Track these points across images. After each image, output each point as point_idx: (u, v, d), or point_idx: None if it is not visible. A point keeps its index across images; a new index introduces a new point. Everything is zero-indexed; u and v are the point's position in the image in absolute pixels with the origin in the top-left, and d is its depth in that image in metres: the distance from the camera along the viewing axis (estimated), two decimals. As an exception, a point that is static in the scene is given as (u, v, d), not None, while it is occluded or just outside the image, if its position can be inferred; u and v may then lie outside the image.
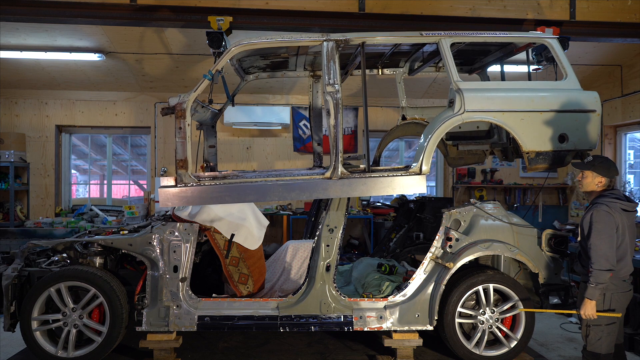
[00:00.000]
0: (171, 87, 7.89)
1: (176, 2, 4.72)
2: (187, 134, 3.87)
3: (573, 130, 3.97)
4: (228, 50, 3.93)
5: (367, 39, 4.04)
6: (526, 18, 5.00)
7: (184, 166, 3.86)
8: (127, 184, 9.77)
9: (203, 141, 4.93)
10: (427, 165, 3.95)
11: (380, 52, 4.76)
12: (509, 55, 4.76)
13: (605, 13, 5.08)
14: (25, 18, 4.87)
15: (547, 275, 4.17)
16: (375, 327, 4.04)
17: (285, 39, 4.00)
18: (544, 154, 3.99)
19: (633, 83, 6.88)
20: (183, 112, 3.86)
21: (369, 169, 3.98)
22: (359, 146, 8.32)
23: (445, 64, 4.04)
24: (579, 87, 4.09)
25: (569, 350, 4.75)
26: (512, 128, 3.95)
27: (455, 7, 4.96)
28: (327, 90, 3.88)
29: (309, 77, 5.29)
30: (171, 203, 3.89)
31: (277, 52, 4.56)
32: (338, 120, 3.85)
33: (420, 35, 4.09)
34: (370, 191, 3.97)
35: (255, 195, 3.90)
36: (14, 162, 7.44)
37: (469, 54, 4.94)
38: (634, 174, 7.71)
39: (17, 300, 3.93)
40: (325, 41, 3.95)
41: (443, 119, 3.94)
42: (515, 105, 3.96)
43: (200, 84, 3.91)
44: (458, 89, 3.96)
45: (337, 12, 4.87)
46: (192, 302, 3.99)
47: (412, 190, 3.98)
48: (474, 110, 3.93)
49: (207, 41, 4.46)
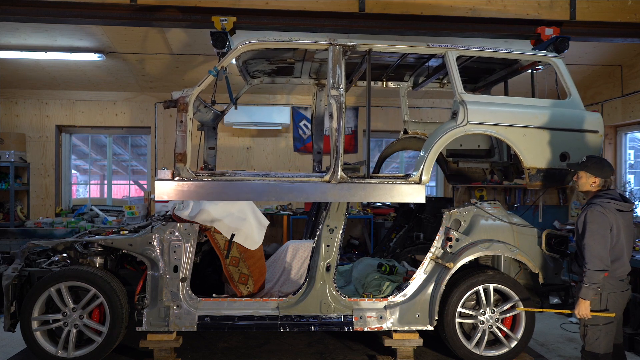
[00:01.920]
0: (171, 87, 7.89)
1: (177, 2, 4.73)
2: (188, 127, 3.86)
3: (575, 149, 3.99)
4: (235, 47, 3.93)
5: (374, 45, 4.05)
6: (526, 18, 5.00)
7: (182, 160, 3.84)
8: (127, 184, 9.78)
9: (203, 142, 4.93)
10: (427, 175, 3.95)
11: (385, 63, 4.78)
12: (513, 74, 4.80)
13: (605, 13, 5.08)
14: (26, 18, 4.87)
15: (547, 275, 4.17)
16: (375, 327, 4.04)
17: (293, 40, 4.00)
18: (545, 172, 4.00)
19: (633, 83, 6.88)
20: (185, 106, 3.86)
21: (369, 174, 3.98)
22: (359, 146, 8.32)
23: (450, 76, 4.06)
24: (582, 107, 4.13)
25: (569, 351, 4.75)
26: (514, 143, 3.96)
27: (455, 8, 4.96)
28: (331, 94, 3.88)
29: (312, 85, 5.32)
30: (167, 196, 3.85)
31: (283, 57, 4.58)
32: (340, 124, 3.85)
33: (427, 46, 4.12)
34: (368, 197, 3.96)
35: (252, 194, 3.88)
36: (14, 162, 7.44)
37: (473, 71, 4.97)
38: (634, 174, 7.71)
39: (18, 300, 3.93)
40: (332, 45, 3.97)
41: (445, 129, 3.95)
42: (518, 121, 3.96)
43: (205, 79, 3.91)
44: (462, 100, 3.97)
45: (337, 12, 4.87)
46: (192, 302, 3.99)
47: (411, 199, 3.98)
48: (477, 122, 3.94)
49: (211, 41, 4.45)
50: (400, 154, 9.26)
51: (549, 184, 4.05)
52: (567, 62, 4.98)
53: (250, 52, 4.09)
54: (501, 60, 4.38)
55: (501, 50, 4.22)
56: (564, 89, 4.18)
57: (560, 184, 4.08)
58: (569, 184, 4.13)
